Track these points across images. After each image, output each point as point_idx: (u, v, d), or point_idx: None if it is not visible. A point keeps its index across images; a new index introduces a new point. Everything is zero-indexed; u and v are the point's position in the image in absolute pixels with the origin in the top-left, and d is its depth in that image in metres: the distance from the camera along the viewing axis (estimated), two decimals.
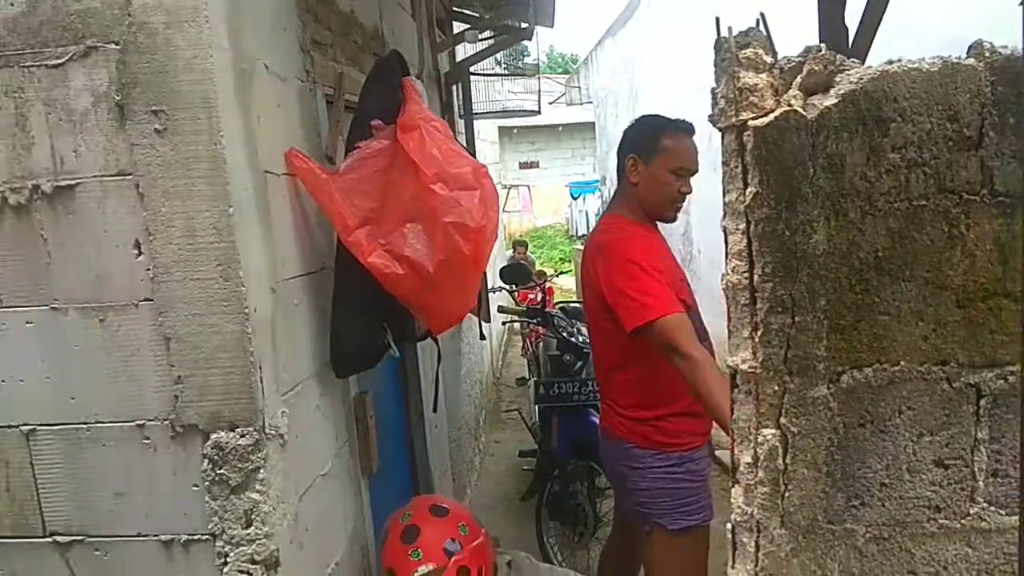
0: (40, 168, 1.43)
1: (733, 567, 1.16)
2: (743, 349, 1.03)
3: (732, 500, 1.13)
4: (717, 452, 5.17)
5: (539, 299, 6.88)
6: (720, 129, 1.01)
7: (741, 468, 1.08)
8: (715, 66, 1.01)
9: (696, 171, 2.37)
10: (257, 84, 1.57)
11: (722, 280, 1.04)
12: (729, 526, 1.16)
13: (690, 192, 2.36)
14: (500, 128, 17.71)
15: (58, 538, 1.54)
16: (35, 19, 1.40)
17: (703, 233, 7.44)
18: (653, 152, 2.32)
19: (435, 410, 2.65)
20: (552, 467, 3.69)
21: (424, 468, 3.12)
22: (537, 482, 3.94)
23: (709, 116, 1.02)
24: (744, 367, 1.03)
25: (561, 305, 5.10)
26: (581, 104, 17.09)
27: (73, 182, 1.42)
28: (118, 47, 1.37)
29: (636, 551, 2.61)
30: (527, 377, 6.21)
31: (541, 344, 5.41)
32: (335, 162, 1.98)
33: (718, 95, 1.00)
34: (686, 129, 2.37)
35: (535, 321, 4.59)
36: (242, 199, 1.44)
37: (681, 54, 7.67)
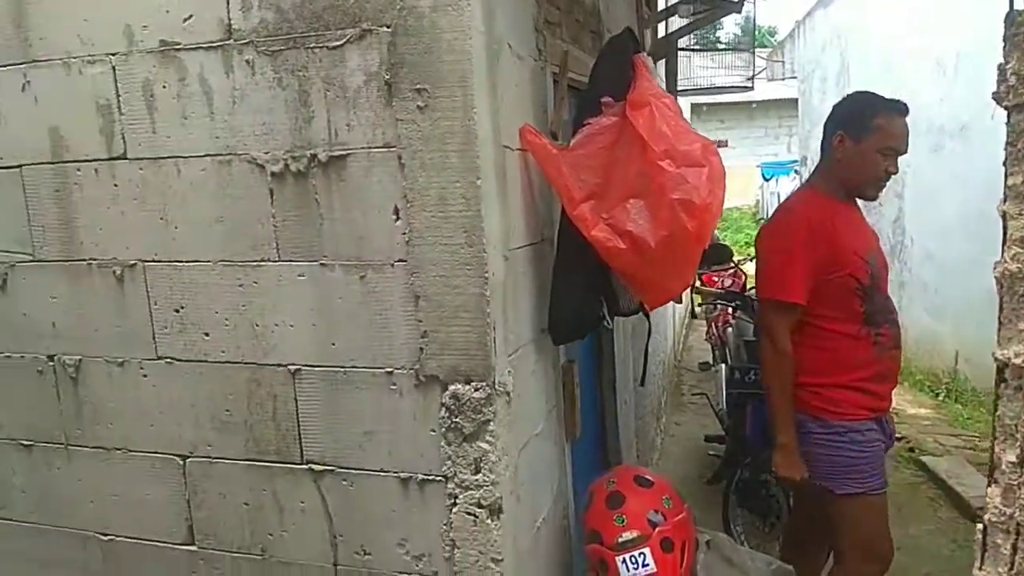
0: (317, 139, 1.61)
1: (981, 568, 1.11)
2: (1017, 342, 0.97)
3: (987, 500, 1.08)
4: (923, 458, 4.84)
5: (728, 283, 6.67)
6: (1007, 108, 0.95)
7: (1003, 467, 1.03)
8: (1005, 40, 0.95)
9: (905, 152, 2.32)
10: (502, 63, 1.67)
11: (995, 268, 0.98)
12: (980, 526, 1.11)
13: (896, 173, 2.33)
14: (692, 105, 17.18)
15: (313, 466, 1.76)
16: (319, 4, 1.57)
17: (918, 221, 6.85)
18: (864, 130, 2.30)
19: (643, 384, 2.70)
20: (743, 454, 3.60)
21: (614, 441, 3.17)
22: (725, 467, 3.87)
23: (994, 93, 0.96)
24: (1017, 361, 0.97)
25: None
26: (783, 80, 16.16)
27: (345, 153, 1.59)
28: (389, 30, 1.51)
29: (818, 522, 2.59)
30: (711, 362, 6.07)
31: (730, 329, 5.26)
32: (558, 138, 2.06)
33: (1008, 71, 0.94)
34: (900, 109, 2.32)
35: (734, 304, 4.47)
36: (487, 172, 1.54)
37: (899, 27, 7.06)
